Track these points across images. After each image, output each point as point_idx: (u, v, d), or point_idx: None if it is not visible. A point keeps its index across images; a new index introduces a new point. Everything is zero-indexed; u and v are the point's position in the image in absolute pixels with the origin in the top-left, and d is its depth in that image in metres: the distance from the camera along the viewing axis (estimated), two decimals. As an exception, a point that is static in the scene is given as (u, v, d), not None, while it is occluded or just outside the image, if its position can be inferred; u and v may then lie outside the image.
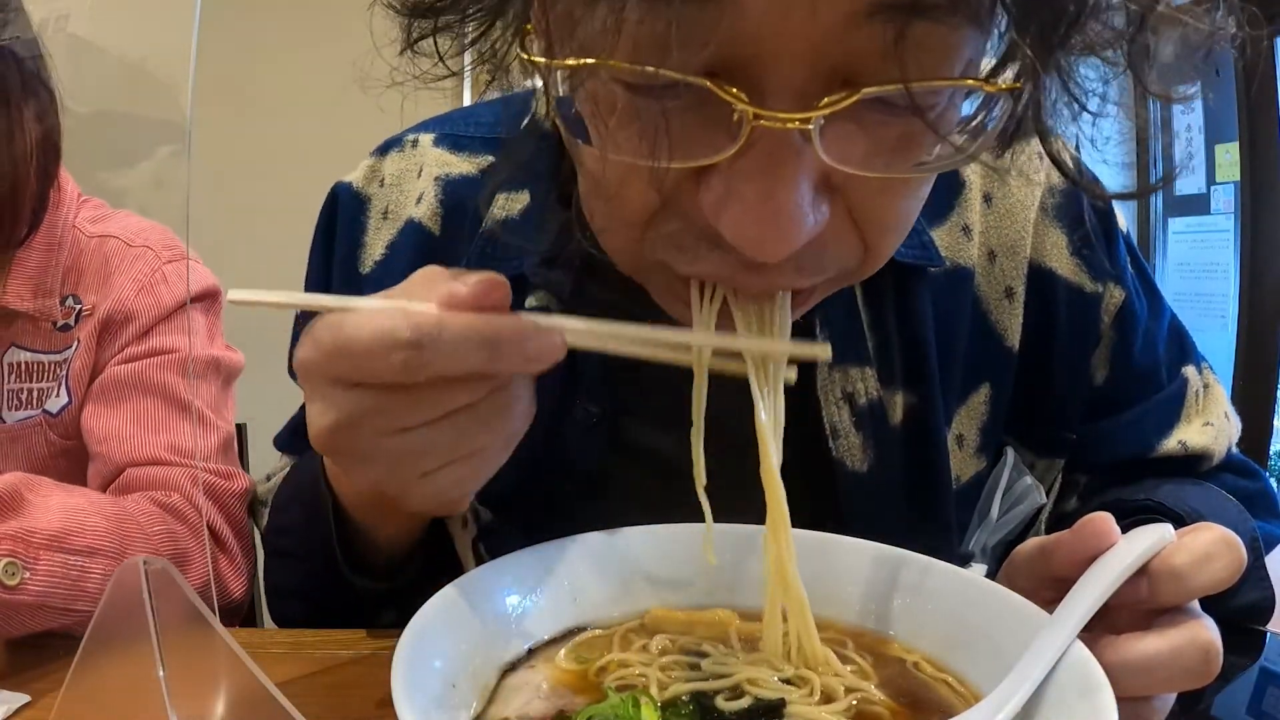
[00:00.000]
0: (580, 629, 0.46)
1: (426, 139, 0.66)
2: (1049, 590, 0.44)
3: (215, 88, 2.08)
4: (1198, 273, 3.15)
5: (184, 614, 0.40)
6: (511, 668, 0.42)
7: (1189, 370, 0.70)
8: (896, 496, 0.60)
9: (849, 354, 0.59)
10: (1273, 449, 2.69)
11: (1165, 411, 0.68)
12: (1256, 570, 0.54)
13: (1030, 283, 0.63)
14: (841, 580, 0.47)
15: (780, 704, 0.39)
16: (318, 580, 0.57)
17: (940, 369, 0.60)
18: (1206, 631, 0.40)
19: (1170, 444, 0.67)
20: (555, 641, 0.44)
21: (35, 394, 0.82)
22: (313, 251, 0.68)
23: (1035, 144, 0.61)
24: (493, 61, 0.42)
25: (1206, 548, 0.42)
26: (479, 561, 0.59)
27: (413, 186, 0.64)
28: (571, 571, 0.46)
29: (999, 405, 0.63)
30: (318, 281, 0.67)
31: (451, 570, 0.57)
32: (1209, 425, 0.68)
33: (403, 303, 0.39)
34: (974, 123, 0.38)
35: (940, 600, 0.44)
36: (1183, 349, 0.71)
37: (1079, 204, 0.64)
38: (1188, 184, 3.17)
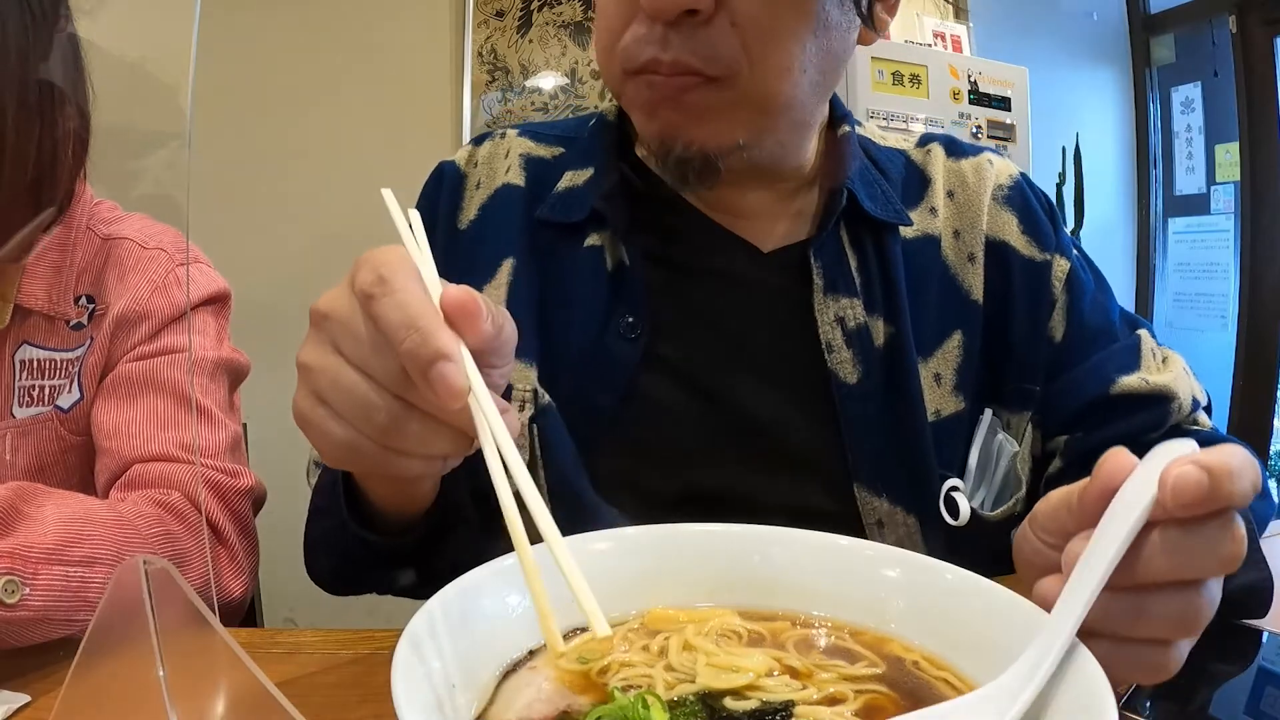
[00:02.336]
0: (582, 629, 0.45)
1: (513, 132, 0.82)
2: (1079, 544, 0.43)
3: (215, 88, 2.09)
4: (1198, 273, 3.15)
5: (184, 614, 0.40)
6: (513, 668, 0.42)
7: (1144, 332, 0.77)
8: (881, 406, 0.71)
9: (840, 286, 0.72)
10: (1273, 449, 2.69)
11: (1124, 356, 0.74)
12: (1252, 551, 0.54)
13: (988, 251, 0.76)
14: (840, 578, 0.47)
15: (789, 705, 0.39)
16: (338, 535, 0.61)
17: (914, 312, 0.72)
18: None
19: (1132, 380, 0.72)
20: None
21: (47, 391, 0.83)
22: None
23: (985, 156, 0.80)
24: None
25: (1228, 457, 0.40)
26: (530, 441, 0.68)
27: (501, 164, 0.79)
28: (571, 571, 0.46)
29: (971, 350, 0.74)
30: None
31: (459, 541, 0.63)
32: (1169, 371, 0.74)
33: (434, 279, 0.43)
34: None
35: (939, 599, 0.44)
36: (1135, 324, 0.79)
37: (1025, 195, 0.78)
38: (1188, 184, 3.17)
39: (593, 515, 0.67)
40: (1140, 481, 0.41)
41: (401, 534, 0.60)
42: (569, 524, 0.53)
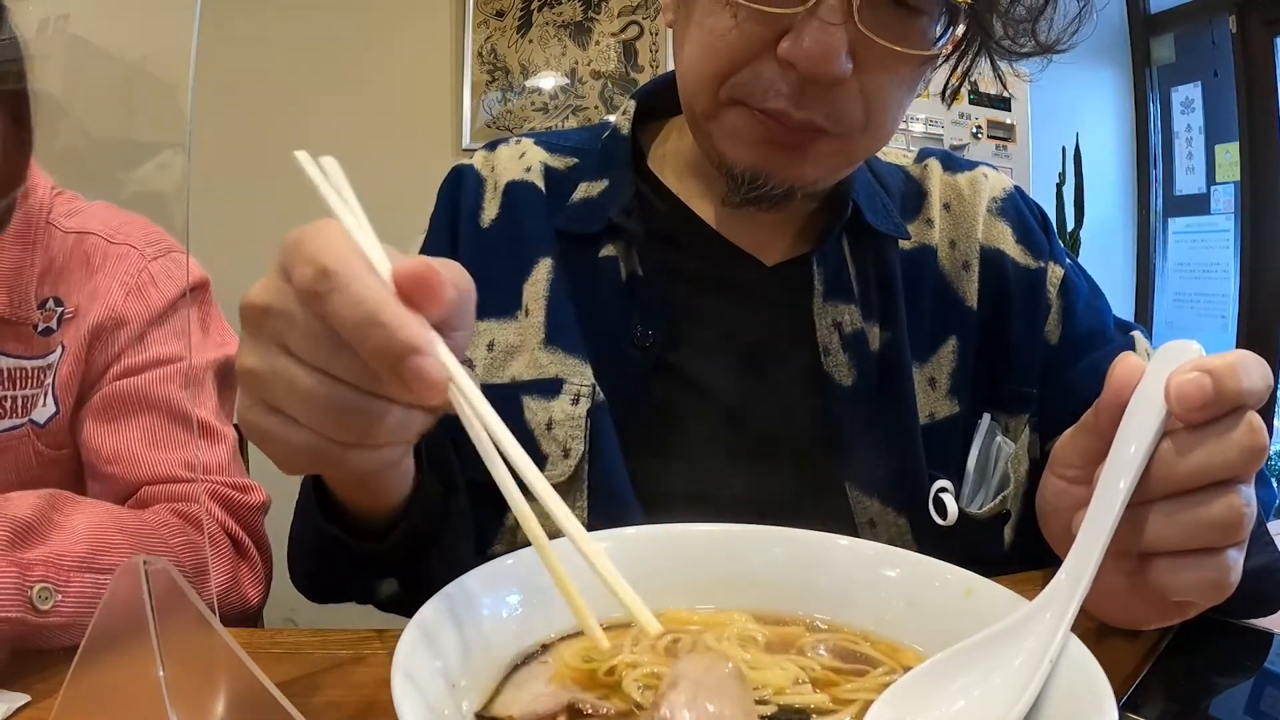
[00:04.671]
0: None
1: (528, 141, 0.83)
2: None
3: (215, 88, 2.09)
4: (1198, 273, 3.15)
5: (184, 614, 0.40)
6: (519, 666, 0.42)
7: (1137, 334, 0.78)
8: (873, 408, 0.72)
9: (839, 292, 0.74)
10: (1273, 449, 2.70)
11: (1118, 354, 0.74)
12: (1260, 536, 0.53)
13: (983, 260, 0.78)
14: (841, 578, 0.47)
15: (806, 715, 0.39)
16: (314, 536, 0.58)
17: (909, 319, 0.75)
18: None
19: (1134, 354, 0.72)
20: (565, 640, 0.44)
21: (20, 402, 0.77)
22: (436, 215, 0.80)
23: (979, 170, 0.83)
24: None
25: (1236, 357, 0.41)
26: (584, 434, 0.68)
27: (518, 164, 0.81)
28: (573, 571, 0.46)
29: (965, 355, 0.76)
30: (441, 237, 0.78)
31: (443, 545, 0.59)
32: None
33: (379, 254, 0.38)
34: (942, 37, 0.64)
35: (940, 598, 0.44)
36: (1129, 328, 0.80)
37: (1019, 206, 0.81)
38: (1188, 184, 3.17)
39: (630, 513, 0.67)
40: (1148, 392, 0.42)
41: (377, 537, 0.57)
42: (608, 520, 0.53)
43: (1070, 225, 3.05)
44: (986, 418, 0.75)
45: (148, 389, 0.79)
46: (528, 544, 0.46)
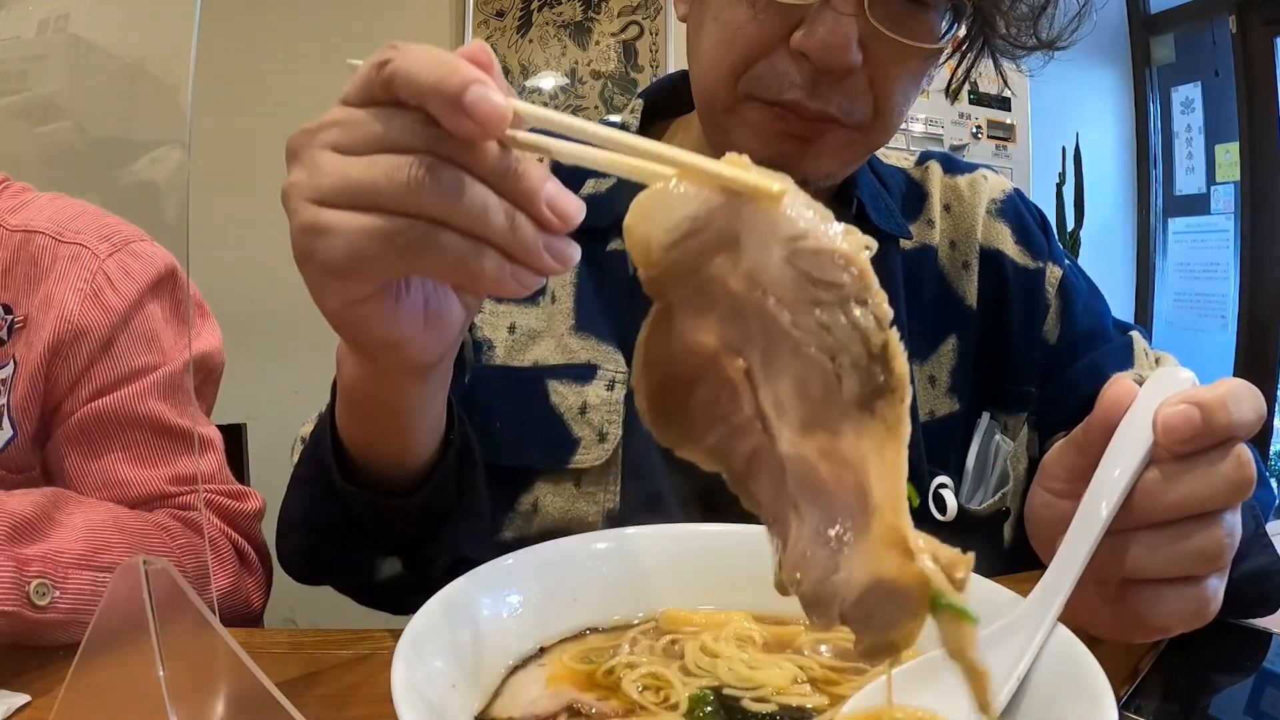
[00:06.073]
0: (591, 629, 0.45)
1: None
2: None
3: (215, 88, 2.08)
4: (1198, 273, 3.15)
5: (184, 614, 0.40)
6: (517, 668, 0.42)
7: (1135, 334, 0.79)
8: None
9: None
10: (1273, 449, 2.69)
11: (1118, 355, 0.76)
12: (1260, 538, 0.54)
13: (983, 260, 0.79)
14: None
15: (808, 714, 0.39)
16: (320, 505, 0.57)
17: (911, 318, 0.76)
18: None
19: (1128, 377, 0.73)
20: (562, 643, 0.44)
21: None
22: None
23: (979, 172, 0.84)
24: None
25: (1228, 389, 0.41)
26: (623, 418, 0.68)
27: (529, 157, 0.75)
28: (573, 571, 0.46)
29: (964, 354, 0.77)
30: None
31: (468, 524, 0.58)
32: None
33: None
34: (948, 32, 0.66)
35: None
36: (1127, 328, 0.81)
37: (1018, 208, 0.82)
38: (1188, 184, 3.17)
39: (662, 499, 0.67)
40: (1138, 418, 0.42)
41: (398, 495, 0.55)
42: (641, 504, 0.52)
43: (1070, 225, 3.05)
44: (986, 416, 0.76)
45: (126, 407, 0.74)
46: (538, 531, 0.46)
